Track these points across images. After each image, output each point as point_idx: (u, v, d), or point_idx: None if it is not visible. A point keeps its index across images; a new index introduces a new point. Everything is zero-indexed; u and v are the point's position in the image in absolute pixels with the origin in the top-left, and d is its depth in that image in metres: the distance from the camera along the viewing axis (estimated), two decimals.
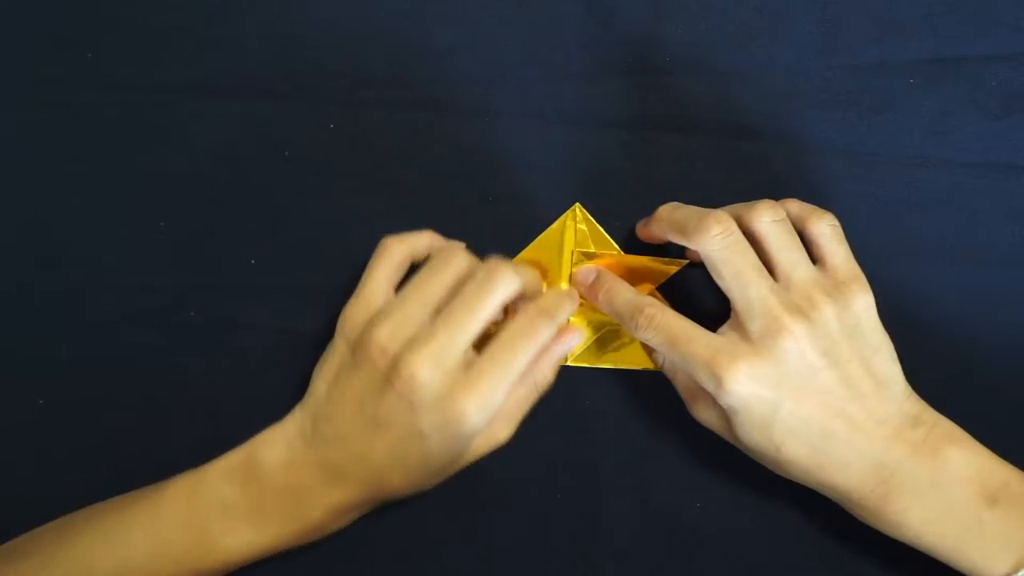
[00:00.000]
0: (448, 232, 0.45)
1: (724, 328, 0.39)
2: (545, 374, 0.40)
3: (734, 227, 0.38)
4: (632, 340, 0.44)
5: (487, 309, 0.37)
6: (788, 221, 0.39)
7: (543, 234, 0.45)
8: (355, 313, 0.39)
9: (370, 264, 0.41)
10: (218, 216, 0.46)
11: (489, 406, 0.36)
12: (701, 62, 0.47)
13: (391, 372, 0.36)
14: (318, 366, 0.40)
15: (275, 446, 0.39)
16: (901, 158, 0.46)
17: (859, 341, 0.38)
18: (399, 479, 0.38)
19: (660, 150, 0.46)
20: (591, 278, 0.42)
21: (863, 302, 0.38)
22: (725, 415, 0.38)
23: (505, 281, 0.38)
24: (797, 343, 0.36)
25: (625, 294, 0.41)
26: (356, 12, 0.48)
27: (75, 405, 0.44)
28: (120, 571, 0.37)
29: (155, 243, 0.46)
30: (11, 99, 0.47)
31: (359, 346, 0.38)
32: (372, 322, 0.38)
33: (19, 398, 0.44)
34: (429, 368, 0.36)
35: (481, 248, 0.44)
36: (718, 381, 0.36)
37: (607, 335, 0.44)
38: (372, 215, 0.46)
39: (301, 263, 0.45)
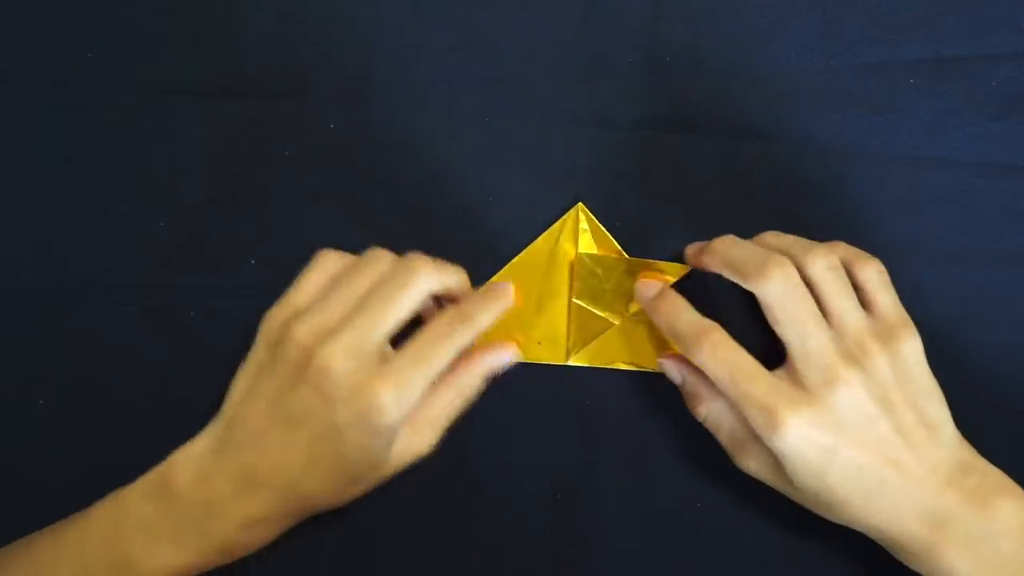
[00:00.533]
0: (448, 232, 0.45)
1: (779, 372, 0.38)
2: (471, 383, 0.40)
3: (795, 274, 0.38)
4: (638, 339, 0.44)
5: (403, 302, 0.38)
6: (842, 268, 0.39)
7: (543, 235, 0.45)
8: (277, 315, 0.39)
9: (301, 274, 0.41)
10: (218, 216, 0.46)
11: (405, 399, 0.36)
12: (701, 62, 0.47)
13: (305, 365, 0.36)
14: (236, 375, 0.40)
15: (188, 461, 0.38)
16: (901, 158, 0.46)
17: (911, 387, 0.38)
18: (315, 484, 0.37)
19: (660, 150, 0.46)
20: (652, 292, 0.42)
21: (912, 347, 0.38)
22: (775, 464, 0.38)
23: (422, 277, 0.38)
24: (853, 393, 0.37)
25: (689, 315, 0.40)
26: (356, 12, 0.48)
27: (75, 405, 0.44)
28: None
29: (155, 243, 0.46)
30: (11, 99, 0.47)
31: (278, 344, 0.38)
32: (292, 320, 0.38)
33: (19, 398, 0.44)
34: (342, 358, 0.36)
35: (481, 248, 0.44)
36: (775, 425, 0.36)
37: (611, 334, 0.44)
38: (372, 215, 0.46)
39: (301, 263, 0.45)
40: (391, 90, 0.47)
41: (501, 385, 0.42)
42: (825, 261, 0.39)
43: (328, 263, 0.40)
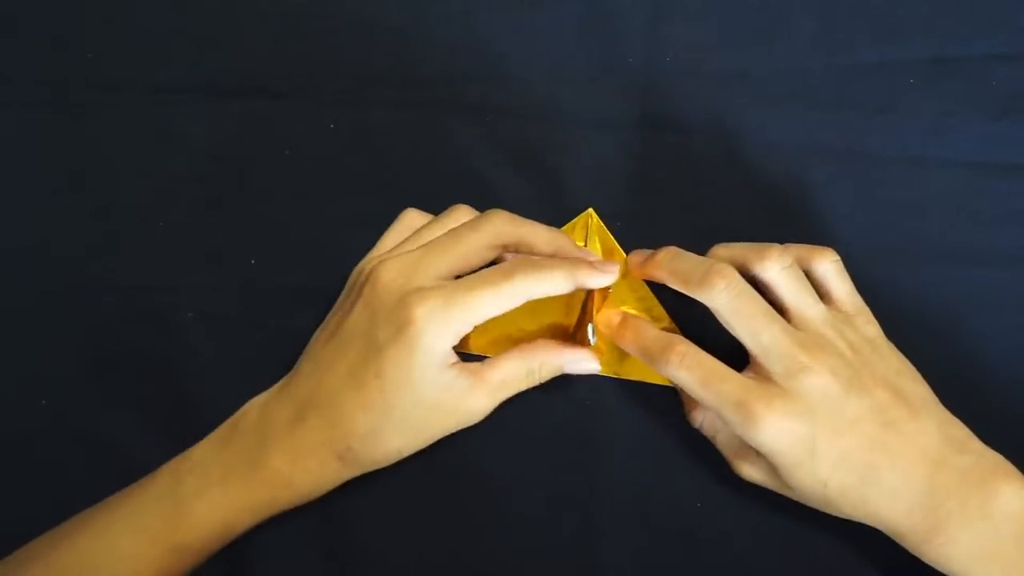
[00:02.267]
0: None
1: (746, 373, 0.38)
2: (545, 368, 0.39)
3: (738, 279, 0.38)
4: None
5: (468, 241, 0.38)
6: (796, 266, 0.39)
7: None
8: (361, 266, 0.41)
9: (386, 232, 0.43)
10: (218, 216, 0.46)
11: (445, 320, 0.36)
12: (701, 62, 0.47)
13: (363, 283, 0.38)
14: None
15: (257, 400, 0.40)
16: (901, 158, 0.46)
17: (879, 367, 0.38)
18: (355, 413, 0.37)
19: (660, 150, 0.46)
20: (616, 321, 0.42)
21: (873, 330, 0.39)
22: (770, 466, 0.38)
23: (495, 222, 0.38)
24: (819, 378, 0.37)
25: (653, 332, 0.40)
26: (357, 12, 0.48)
27: (76, 406, 0.44)
28: (109, 559, 0.37)
29: (155, 243, 0.46)
30: (11, 99, 0.47)
31: (352, 284, 0.39)
32: (368, 262, 0.40)
33: (19, 398, 0.44)
34: (393, 273, 0.37)
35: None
36: (751, 420, 0.36)
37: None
38: (372, 215, 0.46)
39: (301, 263, 0.45)
40: (391, 90, 0.47)
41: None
42: (778, 262, 0.39)
43: (409, 219, 0.42)
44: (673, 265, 0.40)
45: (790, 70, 0.47)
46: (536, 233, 0.40)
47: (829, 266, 0.40)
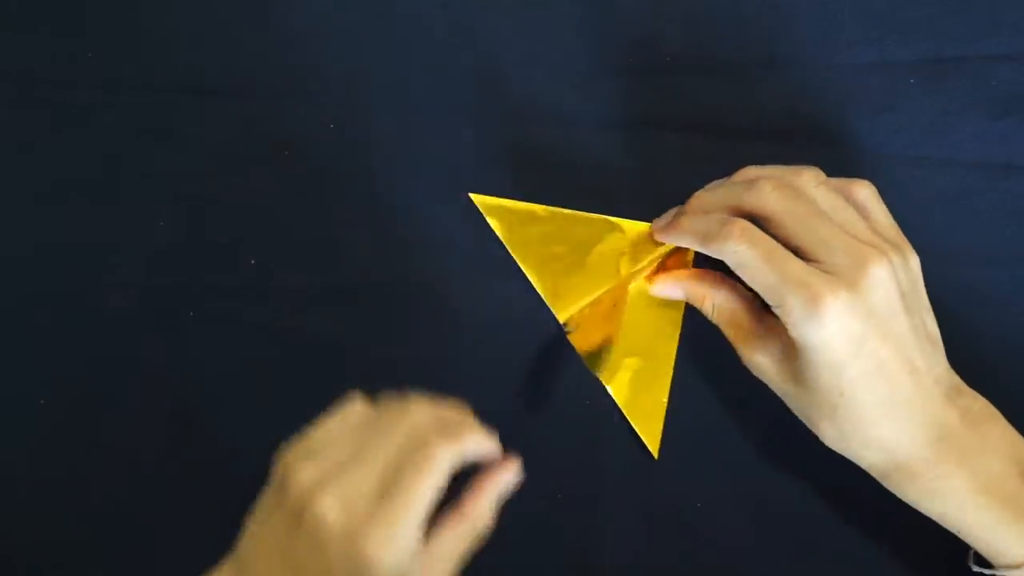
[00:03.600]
0: (448, 232, 0.45)
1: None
2: (482, 514, 0.37)
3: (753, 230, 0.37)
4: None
5: (419, 489, 0.34)
6: (831, 185, 0.38)
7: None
8: (290, 454, 0.37)
9: (330, 421, 0.38)
10: (218, 216, 0.46)
11: (396, 550, 0.34)
12: (701, 62, 0.47)
13: (302, 511, 0.34)
14: (251, 520, 0.38)
15: None
16: (901, 158, 0.46)
17: (920, 297, 0.38)
18: None
19: (660, 150, 0.46)
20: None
21: (916, 260, 0.38)
22: (783, 356, 0.37)
23: (440, 461, 0.35)
24: (884, 277, 0.35)
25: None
26: (356, 12, 0.48)
27: (75, 405, 0.44)
28: None
29: (155, 243, 0.46)
30: (11, 99, 0.47)
31: (281, 485, 0.36)
32: (299, 460, 0.36)
33: (19, 398, 0.44)
34: (334, 508, 0.34)
35: (483, 247, 0.44)
36: (815, 306, 0.34)
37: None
38: (372, 215, 0.46)
39: (301, 263, 0.45)
40: (391, 90, 0.47)
41: (502, 390, 0.42)
42: (815, 178, 0.38)
43: (352, 416, 0.38)
44: (694, 226, 0.39)
45: (790, 70, 0.47)
46: (477, 449, 0.37)
47: (867, 193, 0.39)
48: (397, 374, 0.39)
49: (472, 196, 0.45)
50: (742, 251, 0.36)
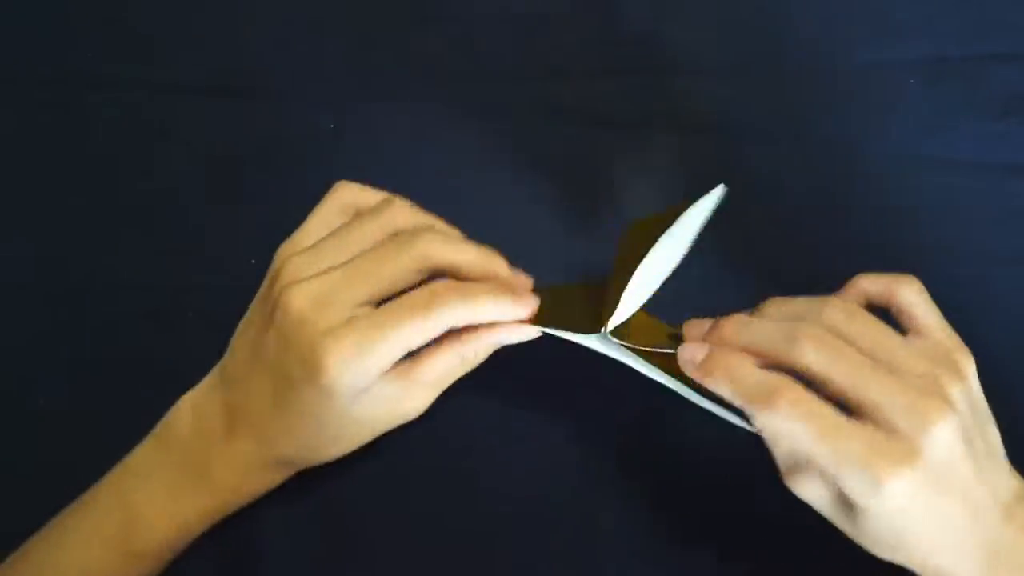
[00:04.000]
0: None
1: (863, 421, 0.33)
2: (475, 351, 0.37)
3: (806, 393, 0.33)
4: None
5: (396, 266, 0.35)
6: (862, 310, 0.35)
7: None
8: (283, 249, 0.38)
9: (317, 205, 0.39)
10: (218, 216, 0.46)
11: (356, 368, 0.33)
12: (701, 62, 0.47)
13: (276, 305, 0.35)
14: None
15: (188, 400, 0.38)
16: (901, 158, 0.46)
17: (979, 415, 0.35)
18: (284, 435, 0.36)
19: (660, 150, 0.46)
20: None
21: (973, 369, 0.35)
22: (839, 499, 0.33)
23: (429, 245, 0.35)
24: (947, 432, 0.32)
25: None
26: (356, 12, 0.48)
27: (75, 405, 0.44)
28: (66, 570, 0.36)
29: (155, 243, 0.46)
30: (11, 99, 0.47)
31: (269, 279, 0.37)
32: (286, 260, 0.36)
33: (19, 398, 0.44)
34: (305, 304, 0.34)
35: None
36: (875, 486, 0.31)
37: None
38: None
39: None
40: (391, 90, 0.47)
41: (502, 388, 0.42)
42: (848, 311, 0.34)
43: (343, 196, 0.38)
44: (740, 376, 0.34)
45: (790, 70, 0.47)
46: (467, 258, 0.36)
47: (914, 296, 0.36)
48: None
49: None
50: (794, 427, 0.32)
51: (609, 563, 0.42)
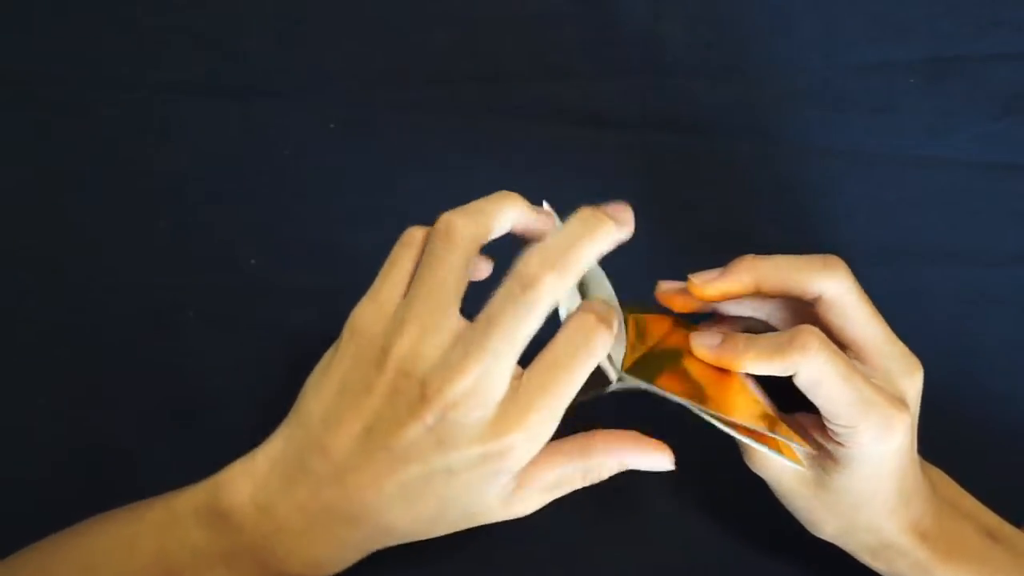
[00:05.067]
0: None
1: (864, 368, 0.35)
2: (601, 472, 0.34)
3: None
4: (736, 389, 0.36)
5: (528, 330, 0.31)
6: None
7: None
8: (366, 318, 0.33)
9: (389, 257, 0.34)
10: (218, 216, 0.46)
11: (539, 438, 0.31)
12: (701, 62, 0.47)
13: (419, 403, 0.30)
14: (311, 381, 0.34)
15: (246, 486, 0.33)
16: (901, 158, 0.46)
17: None
18: (403, 523, 0.32)
19: (660, 150, 0.46)
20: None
21: None
22: (811, 464, 0.35)
23: (551, 289, 0.31)
24: (921, 380, 0.35)
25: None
26: (356, 12, 0.48)
27: (75, 405, 0.44)
28: None
29: (155, 243, 0.46)
30: (11, 99, 0.47)
31: (374, 365, 0.31)
32: (389, 334, 0.32)
33: (19, 398, 0.44)
34: (469, 406, 0.30)
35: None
36: (888, 430, 0.33)
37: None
38: (372, 215, 0.46)
39: (301, 263, 0.45)
40: (391, 90, 0.47)
41: None
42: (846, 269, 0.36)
43: (414, 247, 0.34)
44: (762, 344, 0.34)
45: (790, 70, 0.47)
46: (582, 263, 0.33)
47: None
48: None
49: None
50: (823, 368, 0.32)
51: (608, 563, 0.42)
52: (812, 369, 0.32)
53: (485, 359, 0.30)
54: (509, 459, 0.31)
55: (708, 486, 0.42)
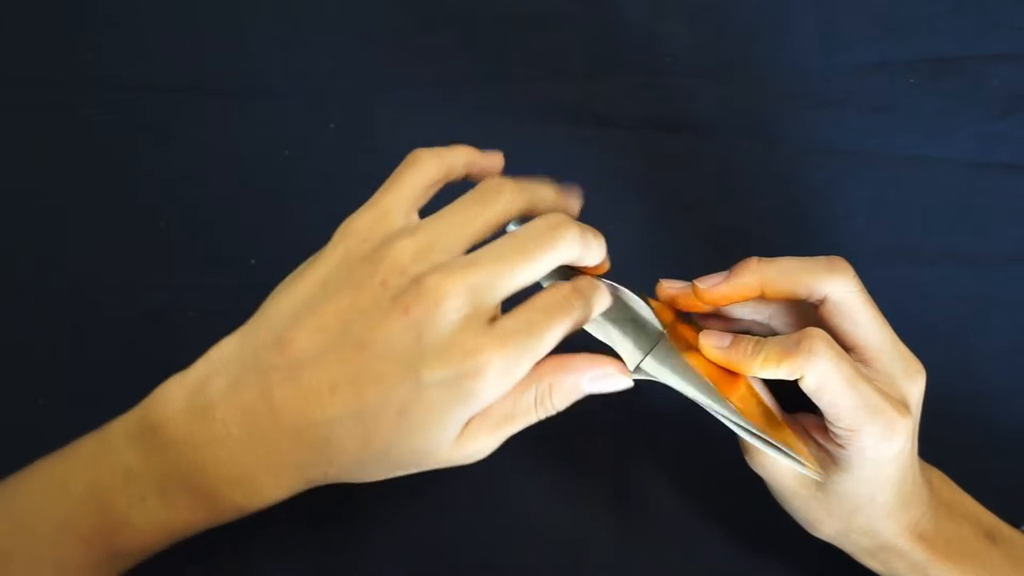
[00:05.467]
0: None
1: (867, 371, 0.34)
2: (554, 399, 0.32)
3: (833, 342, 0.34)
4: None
5: (543, 263, 0.31)
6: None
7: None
8: (365, 224, 0.32)
9: (393, 175, 0.33)
10: (218, 216, 0.46)
11: (512, 373, 0.30)
12: (701, 62, 0.47)
13: (407, 292, 0.29)
14: (283, 283, 0.32)
15: (177, 394, 0.32)
16: (901, 158, 0.46)
17: None
18: (350, 451, 0.30)
19: (660, 150, 0.46)
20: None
21: None
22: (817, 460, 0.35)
23: (570, 241, 0.31)
24: (923, 383, 0.35)
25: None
26: (356, 12, 0.48)
27: (75, 405, 0.44)
28: (33, 555, 0.32)
29: (155, 243, 0.46)
30: (11, 99, 0.47)
31: (366, 260, 0.30)
32: (391, 237, 0.31)
33: (19, 398, 0.44)
34: (458, 297, 0.29)
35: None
36: (891, 433, 0.33)
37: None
38: None
39: (301, 263, 0.45)
40: (391, 90, 0.47)
41: None
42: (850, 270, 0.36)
43: (427, 168, 0.33)
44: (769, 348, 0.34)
45: (790, 70, 0.47)
46: (596, 254, 0.34)
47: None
48: None
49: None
50: (830, 371, 0.32)
51: (608, 563, 0.42)
52: (818, 373, 0.32)
53: (485, 269, 0.30)
54: (479, 381, 0.29)
55: (709, 486, 0.42)
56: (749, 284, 0.35)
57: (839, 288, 0.34)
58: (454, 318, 0.29)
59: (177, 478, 0.31)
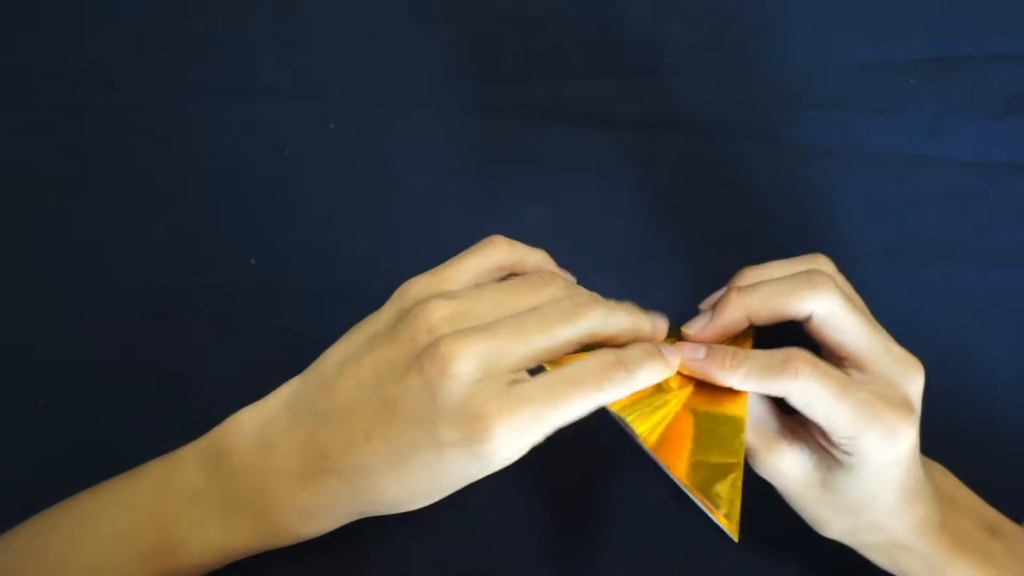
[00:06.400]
0: (448, 232, 0.45)
1: (861, 377, 0.35)
2: (586, 403, 0.32)
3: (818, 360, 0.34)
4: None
5: (563, 335, 0.32)
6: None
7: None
8: (421, 287, 0.34)
9: (464, 251, 0.35)
10: (218, 216, 0.46)
11: (522, 440, 0.30)
12: (701, 62, 0.47)
13: (426, 351, 0.31)
14: (343, 336, 0.35)
15: (251, 421, 0.34)
16: (901, 158, 0.46)
17: None
18: (391, 487, 0.32)
19: (660, 150, 0.46)
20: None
21: None
22: (817, 465, 0.35)
23: (592, 318, 0.33)
24: (922, 381, 0.35)
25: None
26: (356, 12, 0.48)
27: (75, 405, 0.44)
28: (92, 565, 0.34)
29: (155, 243, 0.46)
30: (11, 99, 0.47)
31: (407, 317, 0.32)
32: (433, 298, 0.32)
33: (19, 398, 0.44)
34: (469, 361, 0.30)
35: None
36: (892, 438, 0.33)
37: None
38: (373, 215, 0.46)
39: (301, 263, 0.45)
40: (391, 90, 0.47)
41: None
42: (832, 268, 0.37)
43: (498, 252, 0.35)
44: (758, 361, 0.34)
45: (790, 70, 0.47)
46: (623, 327, 0.34)
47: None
48: None
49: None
50: (813, 388, 0.33)
51: (607, 564, 0.42)
52: (804, 392, 0.33)
53: (499, 336, 0.31)
54: (488, 449, 0.30)
55: None
56: (735, 319, 0.36)
57: (822, 304, 0.35)
58: (465, 381, 0.30)
59: (239, 503, 0.34)
